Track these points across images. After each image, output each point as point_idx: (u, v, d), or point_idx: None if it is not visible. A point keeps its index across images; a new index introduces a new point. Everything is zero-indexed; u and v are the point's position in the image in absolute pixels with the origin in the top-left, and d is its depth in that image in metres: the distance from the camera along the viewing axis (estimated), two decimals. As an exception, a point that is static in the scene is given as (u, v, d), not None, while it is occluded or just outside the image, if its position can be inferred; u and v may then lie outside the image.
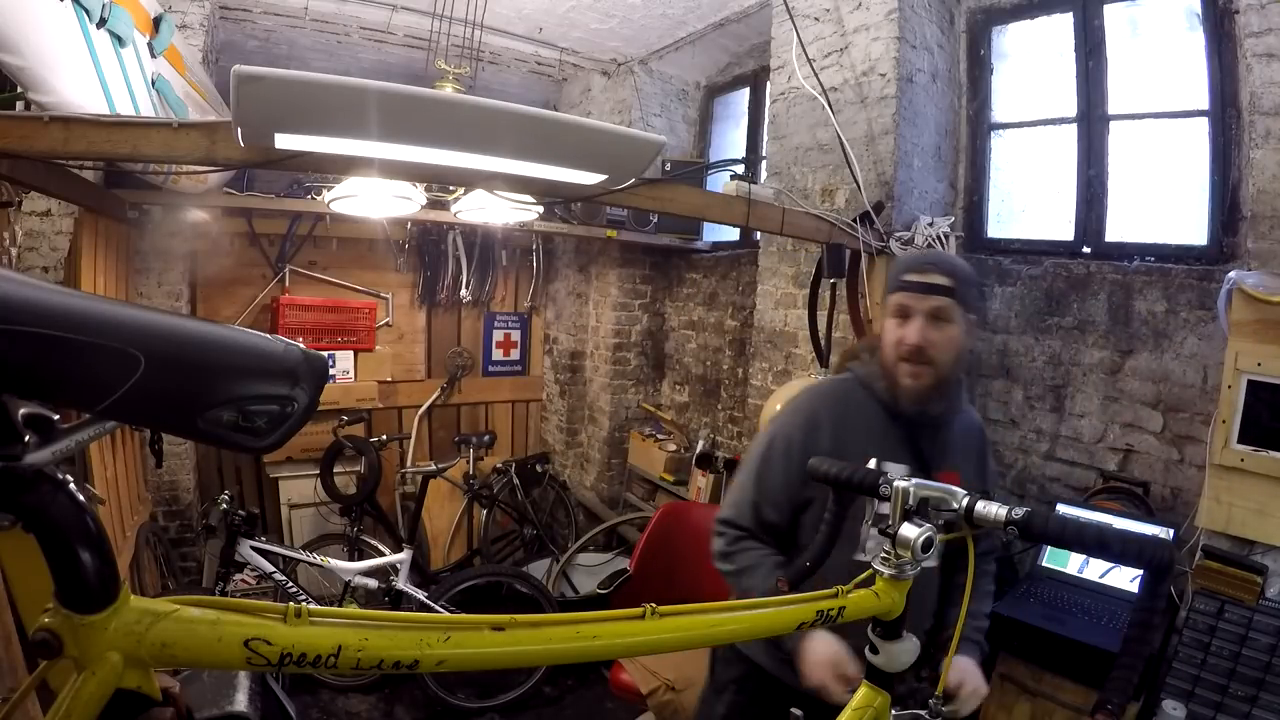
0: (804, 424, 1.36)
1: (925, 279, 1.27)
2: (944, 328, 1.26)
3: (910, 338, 1.26)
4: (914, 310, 1.27)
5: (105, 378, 0.40)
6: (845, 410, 1.35)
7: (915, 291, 1.27)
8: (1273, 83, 1.99)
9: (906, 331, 1.27)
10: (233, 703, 1.71)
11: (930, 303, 1.26)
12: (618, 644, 0.65)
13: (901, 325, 1.28)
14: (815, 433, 1.34)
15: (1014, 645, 2.05)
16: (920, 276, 1.27)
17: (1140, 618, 0.76)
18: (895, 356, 1.29)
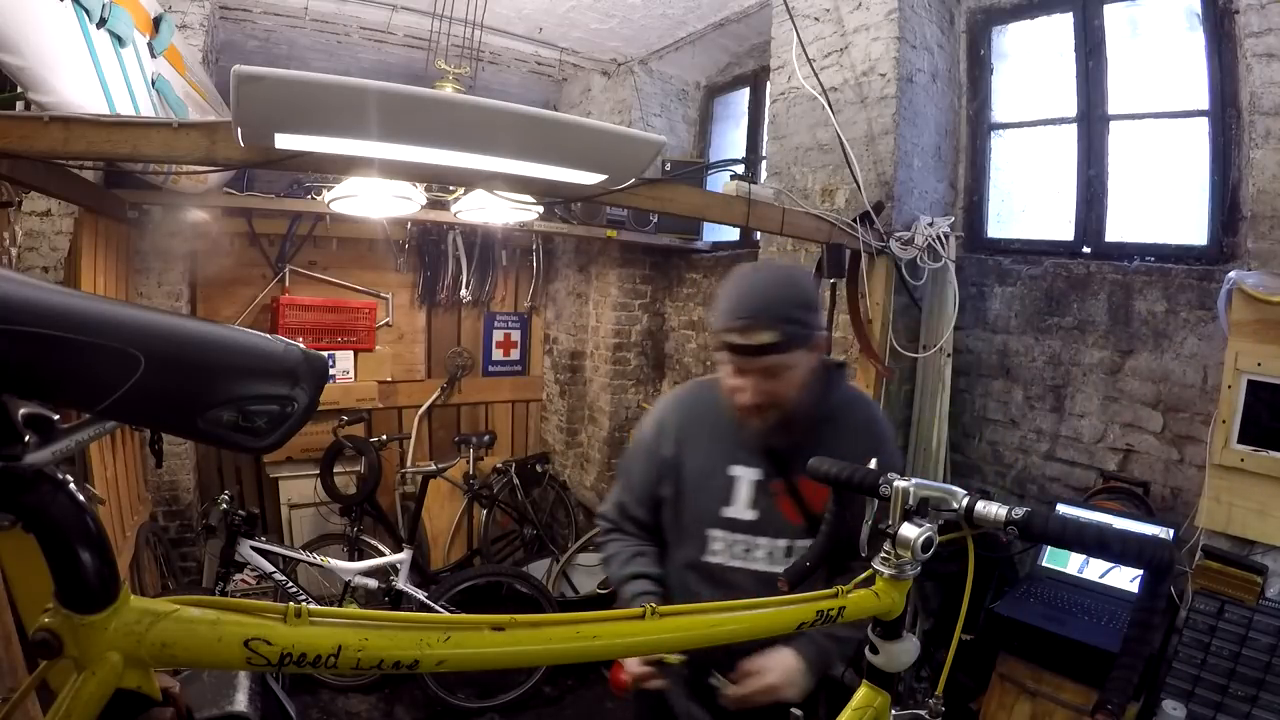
0: (653, 426, 1.37)
1: (749, 341, 1.15)
2: (782, 375, 1.18)
3: (745, 399, 1.20)
4: (743, 371, 1.19)
5: (105, 378, 0.40)
6: (694, 413, 1.34)
7: (740, 356, 1.17)
8: (1273, 83, 1.99)
9: (740, 386, 1.20)
10: (233, 703, 1.71)
11: (758, 364, 1.17)
12: (618, 644, 0.65)
13: (736, 374, 1.20)
14: (661, 435, 1.34)
15: (1014, 645, 2.05)
16: (744, 339, 1.15)
17: (1140, 618, 0.76)
18: (734, 403, 1.23)
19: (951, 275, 2.58)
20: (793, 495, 1.26)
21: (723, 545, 1.29)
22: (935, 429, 2.70)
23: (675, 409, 1.37)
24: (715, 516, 1.29)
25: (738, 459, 1.28)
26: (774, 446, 1.27)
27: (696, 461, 1.31)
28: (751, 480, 1.27)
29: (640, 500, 1.38)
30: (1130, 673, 0.74)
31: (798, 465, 1.21)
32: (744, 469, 1.28)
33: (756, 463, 1.28)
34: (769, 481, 1.27)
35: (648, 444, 1.37)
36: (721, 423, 1.29)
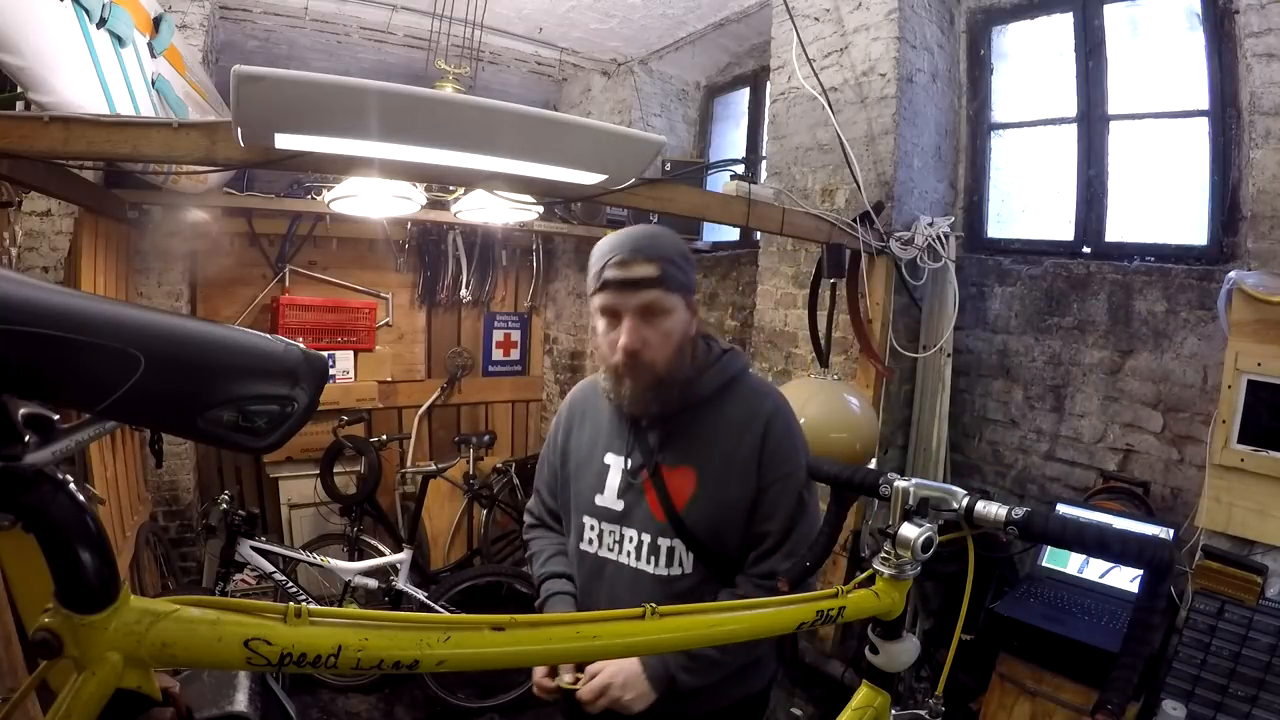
0: (557, 421, 1.39)
1: (629, 274, 1.12)
2: (658, 322, 1.15)
3: (623, 340, 1.13)
4: (621, 309, 1.14)
5: (105, 378, 0.40)
6: (580, 403, 1.35)
7: (619, 290, 1.13)
8: (1273, 83, 1.99)
9: (617, 335, 1.15)
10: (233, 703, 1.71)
11: (637, 299, 1.13)
12: (618, 644, 0.65)
13: (611, 327, 1.16)
14: (557, 427, 1.38)
15: (1014, 645, 2.05)
16: (623, 272, 1.13)
17: (1140, 618, 0.76)
18: (611, 362, 1.18)
19: (951, 275, 2.58)
20: (658, 488, 1.20)
21: (595, 534, 1.27)
22: (935, 429, 2.70)
23: (569, 401, 1.38)
24: (589, 504, 1.27)
25: (612, 447, 1.26)
26: (644, 433, 1.22)
27: (578, 449, 1.31)
28: (620, 469, 1.24)
29: (551, 491, 1.38)
30: (1130, 673, 0.74)
31: (663, 454, 1.21)
32: (614, 457, 1.25)
33: (627, 450, 1.24)
34: (636, 471, 1.22)
35: (550, 436, 1.39)
36: (600, 410, 1.29)
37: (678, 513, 1.19)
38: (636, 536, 1.22)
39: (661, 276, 1.13)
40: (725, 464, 1.20)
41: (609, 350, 1.17)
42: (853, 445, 2.09)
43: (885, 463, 2.74)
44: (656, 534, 1.21)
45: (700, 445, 1.21)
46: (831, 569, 2.66)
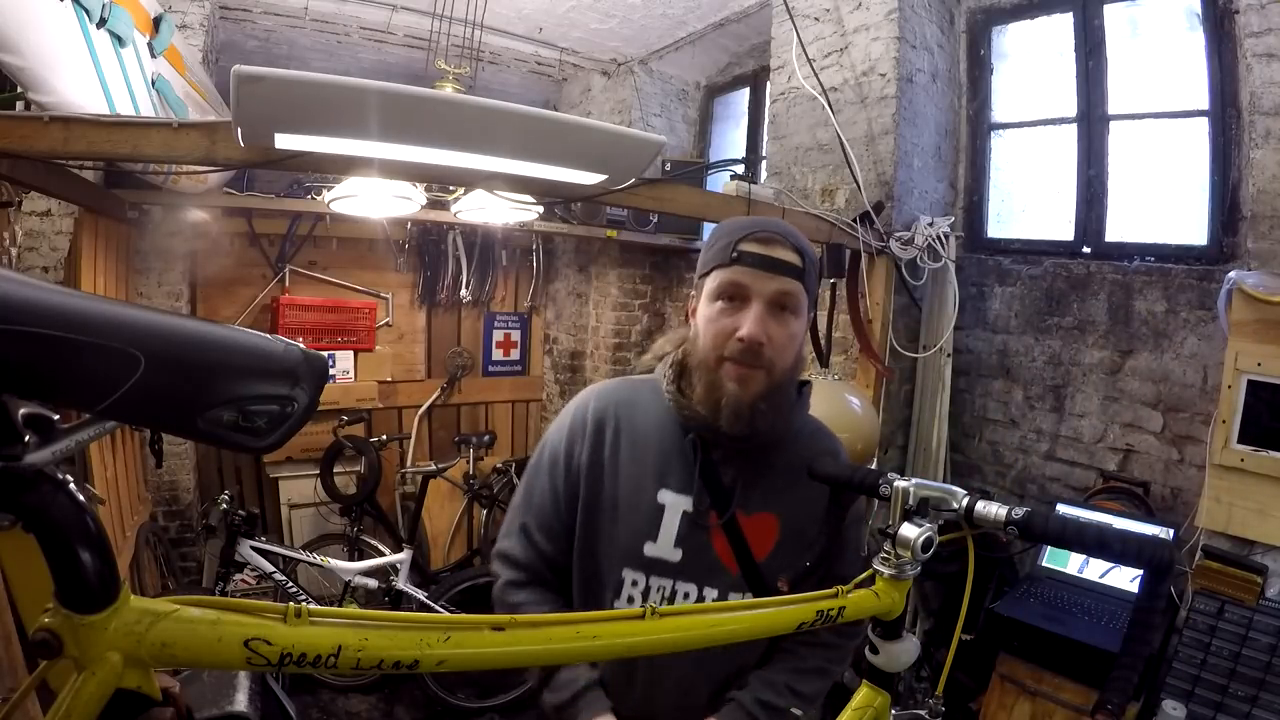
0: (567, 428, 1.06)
1: (771, 253, 0.95)
2: (787, 321, 0.97)
3: (748, 328, 0.93)
4: (752, 292, 0.95)
5: (105, 378, 0.40)
6: (624, 416, 1.04)
7: (757, 268, 0.95)
8: (1273, 83, 1.99)
9: (741, 320, 0.94)
10: (233, 703, 1.71)
11: (775, 285, 0.95)
12: (618, 644, 0.65)
13: (731, 311, 0.96)
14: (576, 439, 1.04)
15: (1014, 645, 2.05)
16: (764, 249, 0.95)
17: (1140, 618, 0.76)
18: (718, 353, 0.96)
19: (951, 275, 2.58)
20: (731, 534, 1.01)
21: (638, 592, 1.00)
22: (935, 429, 2.70)
23: (594, 407, 1.05)
24: (635, 553, 1.00)
25: (668, 482, 1.00)
26: (717, 467, 1.01)
27: (619, 479, 1.01)
28: (682, 510, 1.00)
29: (549, 532, 1.05)
30: (1130, 673, 0.74)
31: (743, 497, 1.01)
32: (674, 495, 1.00)
33: (691, 488, 1.00)
34: (703, 514, 1.00)
35: (553, 452, 1.06)
36: (650, 428, 1.02)
37: (757, 564, 1.01)
38: (696, 592, 1.01)
39: (804, 269, 0.97)
40: (807, 510, 1.02)
41: (716, 340, 0.96)
42: (853, 445, 2.09)
43: (885, 463, 2.74)
44: (727, 589, 1.01)
45: (781, 488, 1.04)
46: (831, 569, 2.65)
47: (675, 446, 1.01)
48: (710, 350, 0.97)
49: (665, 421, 1.03)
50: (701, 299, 1.00)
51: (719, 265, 0.98)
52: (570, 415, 1.07)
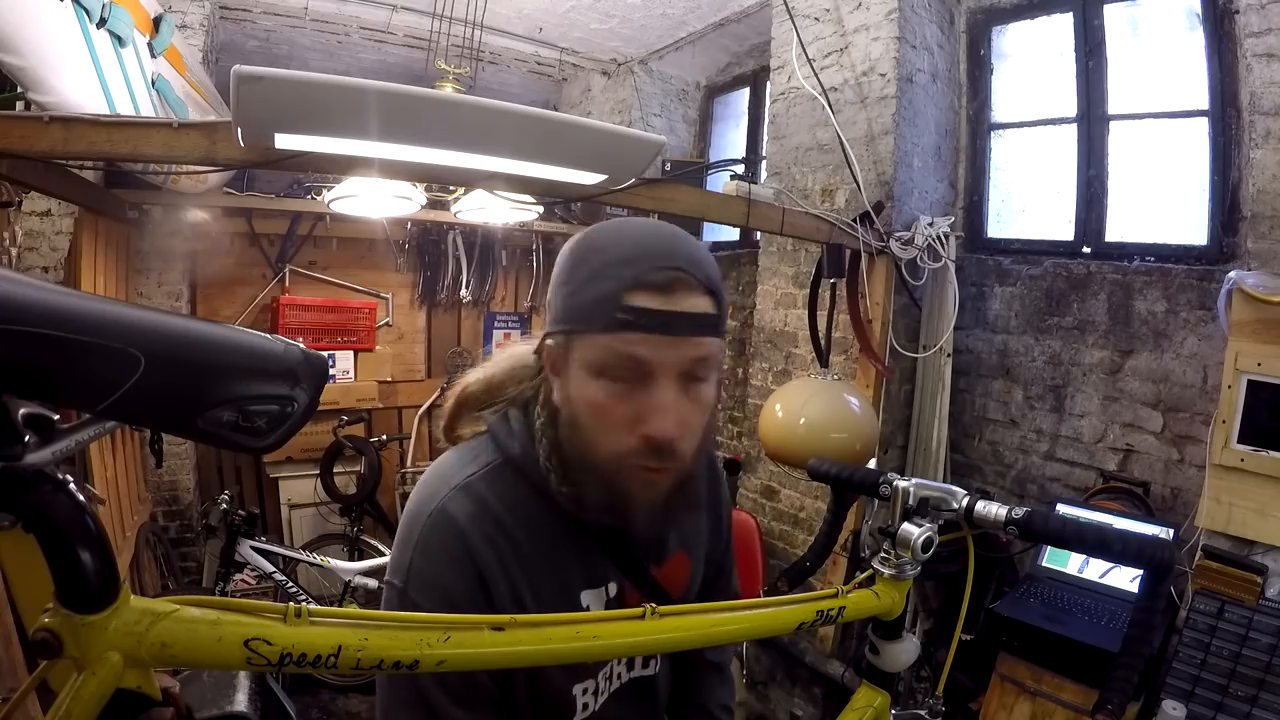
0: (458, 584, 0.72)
1: (676, 306, 0.67)
2: (700, 391, 0.70)
3: (657, 427, 0.67)
4: (655, 366, 0.67)
5: (105, 378, 0.40)
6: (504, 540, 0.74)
7: (657, 333, 0.66)
8: (1273, 83, 1.99)
9: (643, 409, 0.67)
10: (233, 703, 1.71)
11: (686, 351, 0.67)
12: (618, 644, 0.65)
13: (625, 395, 0.68)
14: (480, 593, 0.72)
15: (1014, 645, 2.05)
16: (665, 302, 0.66)
17: (1140, 618, 0.76)
18: (613, 453, 0.69)
19: (951, 275, 2.58)
20: (652, 595, 0.83)
21: (590, 697, 0.82)
22: (935, 429, 2.70)
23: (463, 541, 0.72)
24: (580, 668, 0.80)
25: (583, 579, 0.79)
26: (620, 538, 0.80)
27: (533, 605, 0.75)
28: (604, 602, 0.81)
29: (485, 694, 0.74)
30: (1130, 673, 0.74)
31: (657, 554, 0.85)
32: (593, 592, 0.80)
33: (607, 578, 0.81)
34: (625, 594, 0.82)
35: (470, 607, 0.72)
36: (543, 535, 0.76)
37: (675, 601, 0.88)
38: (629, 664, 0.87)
39: (719, 315, 0.71)
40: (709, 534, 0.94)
41: (610, 435, 0.69)
42: (853, 445, 2.09)
43: (885, 463, 2.74)
44: None
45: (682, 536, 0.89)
46: (831, 569, 2.66)
47: (570, 539, 0.78)
48: (602, 447, 0.70)
49: (544, 512, 0.76)
50: (572, 367, 0.70)
51: (602, 327, 0.66)
52: (441, 565, 0.72)
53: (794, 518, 2.97)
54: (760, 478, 3.15)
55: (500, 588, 0.73)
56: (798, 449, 2.06)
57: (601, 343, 0.67)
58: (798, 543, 2.95)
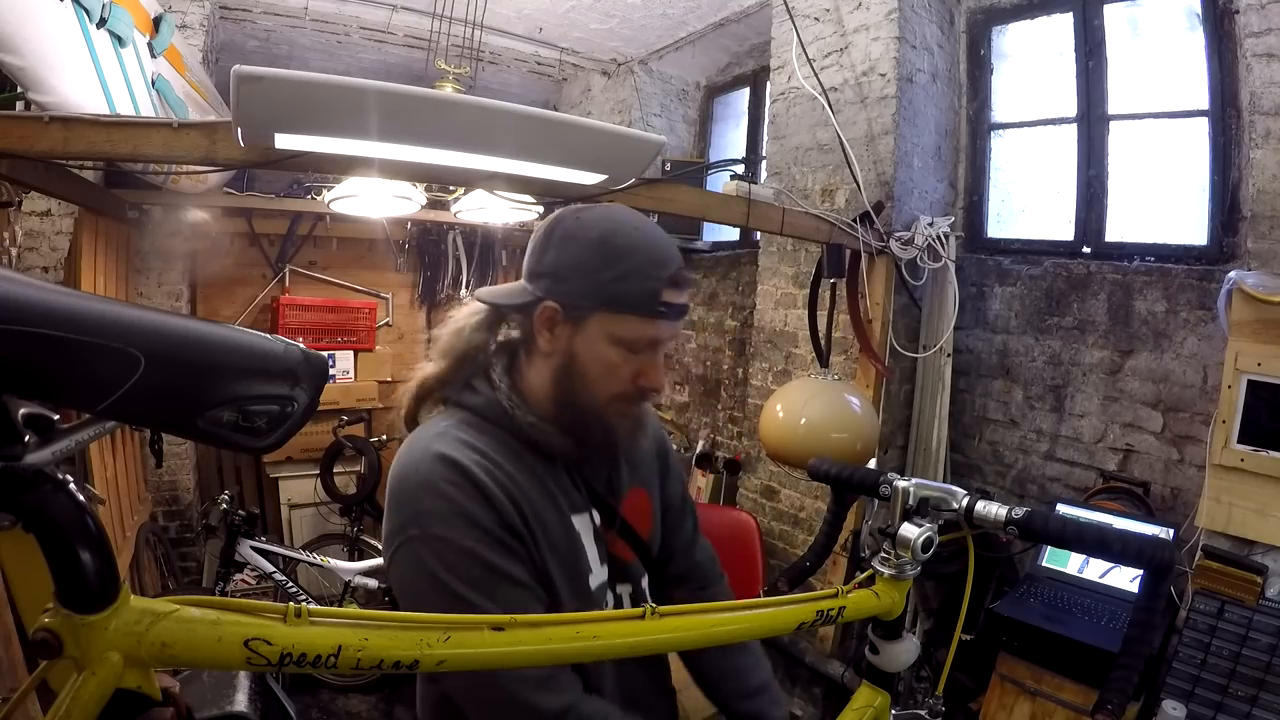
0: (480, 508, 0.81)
1: (686, 300, 0.89)
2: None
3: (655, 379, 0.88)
4: (663, 341, 0.87)
5: (105, 377, 0.40)
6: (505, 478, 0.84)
7: (675, 320, 0.87)
8: (1273, 83, 1.99)
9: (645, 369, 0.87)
10: (233, 703, 1.71)
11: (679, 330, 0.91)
12: (618, 644, 0.65)
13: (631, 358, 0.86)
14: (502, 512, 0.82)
15: (1014, 645, 2.05)
16: (682, 297, 0.87)
17: (1140, 618, 0.76)
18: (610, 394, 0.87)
19: (951, 275, 2.58)
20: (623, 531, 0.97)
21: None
22: (935, 429, 2.70)
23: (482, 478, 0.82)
24: (585, 593, 0.90)
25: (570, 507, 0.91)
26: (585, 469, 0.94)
27: (549, 530, 0.87)
28: (590, 528, 0.93)
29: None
30: (1130, 673, 0.74)
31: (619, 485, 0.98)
32: (579, 517, 0.91)
33: (585, 505, 0.93)
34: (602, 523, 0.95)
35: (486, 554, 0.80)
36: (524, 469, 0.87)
37: (645, 543, 1.01)
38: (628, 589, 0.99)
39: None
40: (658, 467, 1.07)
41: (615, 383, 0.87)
42: (853, 445, 2.09)
43: (885, 463, 2.74)
44: (636, 579, 0.99)
45: (638, 456, 1.03)
46: (831, 569, 2.66)
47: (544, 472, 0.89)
48: (606, 394, 0.87)
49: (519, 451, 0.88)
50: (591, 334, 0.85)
51: (640, 314, 0.84)
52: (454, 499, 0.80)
53: (794, 518, 2.97)
54: (760, 478, 3.15)
55: (511, 511, 0.82)
56: (798, 449, 2.06)
57: (636, 324, 0.84)
58: (798, 543, 2.95)
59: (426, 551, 0.78)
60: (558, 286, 0.87)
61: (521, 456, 0.88)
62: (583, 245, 0.86)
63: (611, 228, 0.87)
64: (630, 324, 0.84)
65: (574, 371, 0.87)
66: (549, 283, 0.88)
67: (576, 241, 0.86)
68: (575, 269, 0.85)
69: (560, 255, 0.87)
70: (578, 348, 0.86)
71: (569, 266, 0.86)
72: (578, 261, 0.85)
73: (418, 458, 0.85)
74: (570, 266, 0.86)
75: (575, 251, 0.86)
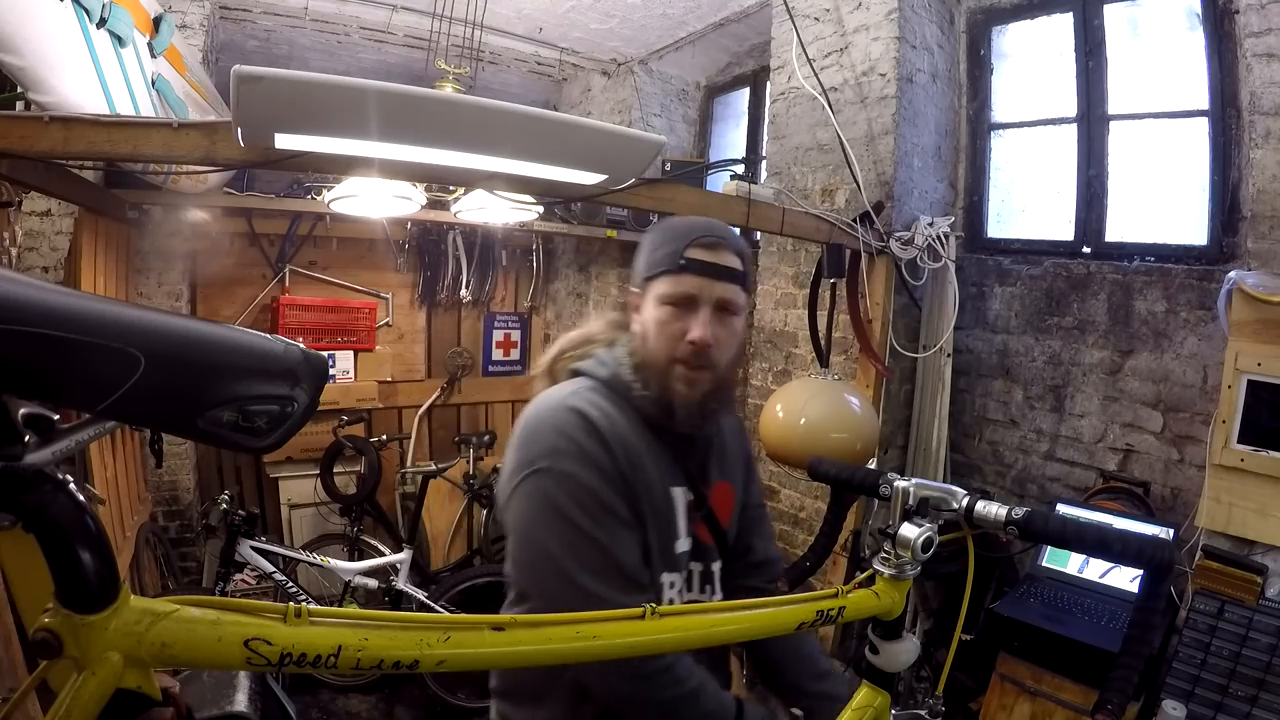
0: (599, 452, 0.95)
1: (716, 259, 1.00)
2: (730, 321, 1.02)
3: (698, 332, 0.98)
4: (700, 298, 0.99)
5: (105, 378, 0.40)
6: (618, 434, 0.97)
7: (703, 275, 0.99)
8: (1273, 83, 1.99)
9: (690, 324, 0.99)
10: (233, 703, 1.71)
11: (720, 290, 0.99)
12: (618, 644, 0.65)
13: (680, 315, 0.99)
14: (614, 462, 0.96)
15: (1014, 645, 2.05)
16: (712, 256, 0.99)
17: (1140, 618, 0.76)
18: (670, 354, 1.00)
19: (951, 275, 2.58)
20: (707, 516, 1.09)
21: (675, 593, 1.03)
22: (935, 429, 2.70)
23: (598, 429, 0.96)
24: (671, 556, 1.02)
25: (670, 479, 1.02)
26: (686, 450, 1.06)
27: (651, 490, 1.00)
28: (685, 501, 1.04)
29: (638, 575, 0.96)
30: (1130, 673, 0.74)
31: (710, 472, 1.10)
32: (679, 489, 1.03)
33: (682, 480, 1.04)
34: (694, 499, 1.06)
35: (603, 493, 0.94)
36: (636, 436, 1.00)
37: (724, 530, 1.11)
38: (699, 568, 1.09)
39: (744, 272, 1.03)
40: (743, 474, 1.18)
41: (668, 342, 0.99)
42: (853, 445, 2.09)
43: (885, 463, 2.74)
44: (710, 560, 1.09)
45: (728, 455, 1.15)
46: (831, 569, 2.66)
47: (652, 444, 1.02)
48: (661, 352, 1.00)
49: (634, 423, 1.01)
50: (648, 302, 1.03)
51: (666, 271, 1.01)
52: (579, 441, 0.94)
53: (794, 518, 2.97)
54: (760, 477, 3.15)
55: (624, 462, 0.96)
56: (798, 449, 2.06)
57: (668, 280, 1.00)
58: (798, 543, 2.95)
59: (550, 482, 0.93)
60: (634, 276, 1.07)
61: (637, 426, 1.01)
62: (646, 238, 1.07)
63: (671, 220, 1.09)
64: (665, 282, 1.00)
65: (643, 336, 1.03)
66: (633, 276, 1.08)
67: (645, 238, 1.07)
68: (641, 256, 1.06)
69: (639, 253, 1.08)
70: (644, 316, 1.03)
71: (639, 257, 1.06)
72: (642, 250, 1.06)
73: (553, 407, 0.99)
74: (640, 256, 1.06)
75: (643, 245, 1.07)
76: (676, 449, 1.04)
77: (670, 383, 1.00)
